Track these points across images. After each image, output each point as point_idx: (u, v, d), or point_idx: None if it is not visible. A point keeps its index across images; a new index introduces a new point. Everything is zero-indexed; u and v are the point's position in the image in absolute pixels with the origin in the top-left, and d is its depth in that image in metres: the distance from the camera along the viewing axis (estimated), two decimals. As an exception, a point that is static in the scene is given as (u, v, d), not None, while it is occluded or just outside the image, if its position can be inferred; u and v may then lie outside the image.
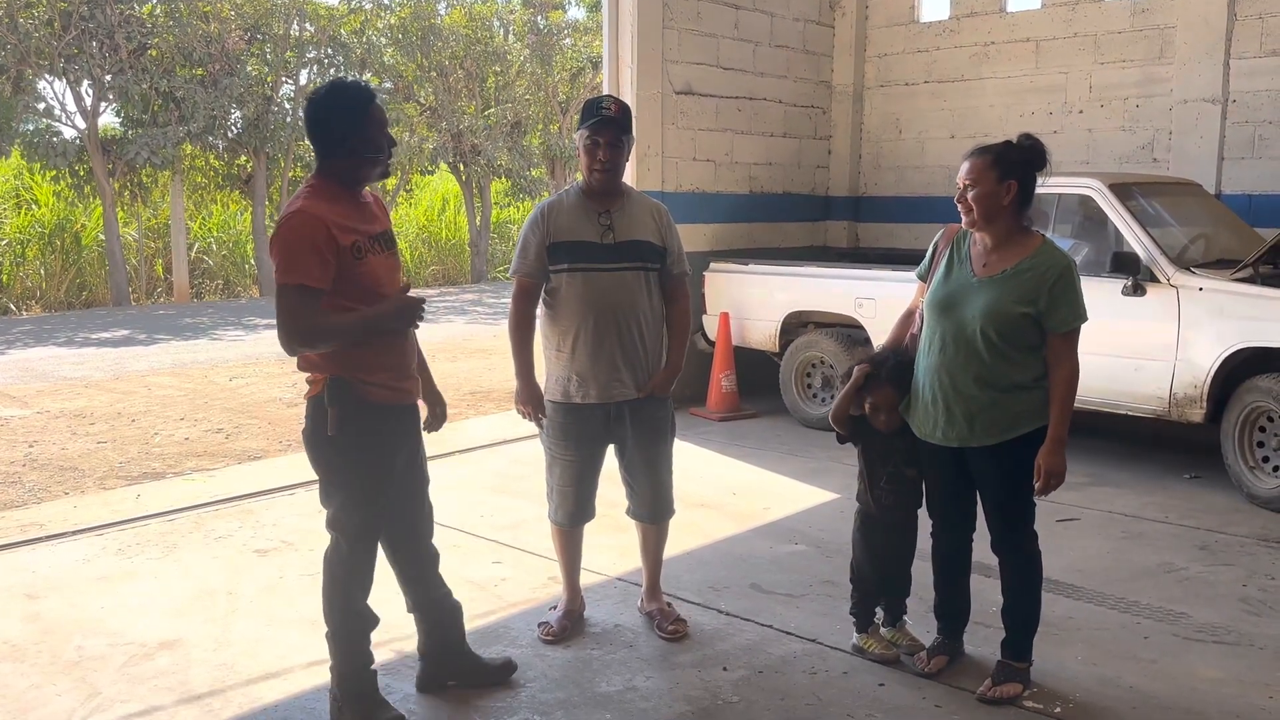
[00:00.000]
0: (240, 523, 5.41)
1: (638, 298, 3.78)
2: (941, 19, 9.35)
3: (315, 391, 3.16)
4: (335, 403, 3.10)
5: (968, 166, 3.37)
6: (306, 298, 3.01)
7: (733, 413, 7.86)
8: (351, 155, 3.12)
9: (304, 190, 3.14)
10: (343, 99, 3.14)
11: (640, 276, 3.79)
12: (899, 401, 3.58)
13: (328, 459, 3.19)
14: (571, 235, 3.75)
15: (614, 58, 7.99)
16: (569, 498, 3.96)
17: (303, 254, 3.00)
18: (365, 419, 3.15)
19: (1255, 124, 7.71)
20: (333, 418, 3.10)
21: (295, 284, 3.00)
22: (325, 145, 3.14)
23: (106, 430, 7.78)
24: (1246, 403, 5.60)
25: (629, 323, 3.77)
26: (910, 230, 9.28)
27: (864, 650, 3.78)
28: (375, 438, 3.20)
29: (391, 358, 3.23)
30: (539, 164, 23.70)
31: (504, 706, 3.46)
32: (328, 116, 3.12)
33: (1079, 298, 3.33)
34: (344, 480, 3.20)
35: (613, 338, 3.75)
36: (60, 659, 3.81)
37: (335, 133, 3.11)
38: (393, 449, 3.27)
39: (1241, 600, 4.34)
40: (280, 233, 3.04)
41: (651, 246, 3.82)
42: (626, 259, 3.76)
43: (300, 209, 3.04)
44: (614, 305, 3.74)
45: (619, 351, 3.77)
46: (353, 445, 3.15)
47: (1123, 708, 3.43)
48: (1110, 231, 6.13)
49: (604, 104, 3.76)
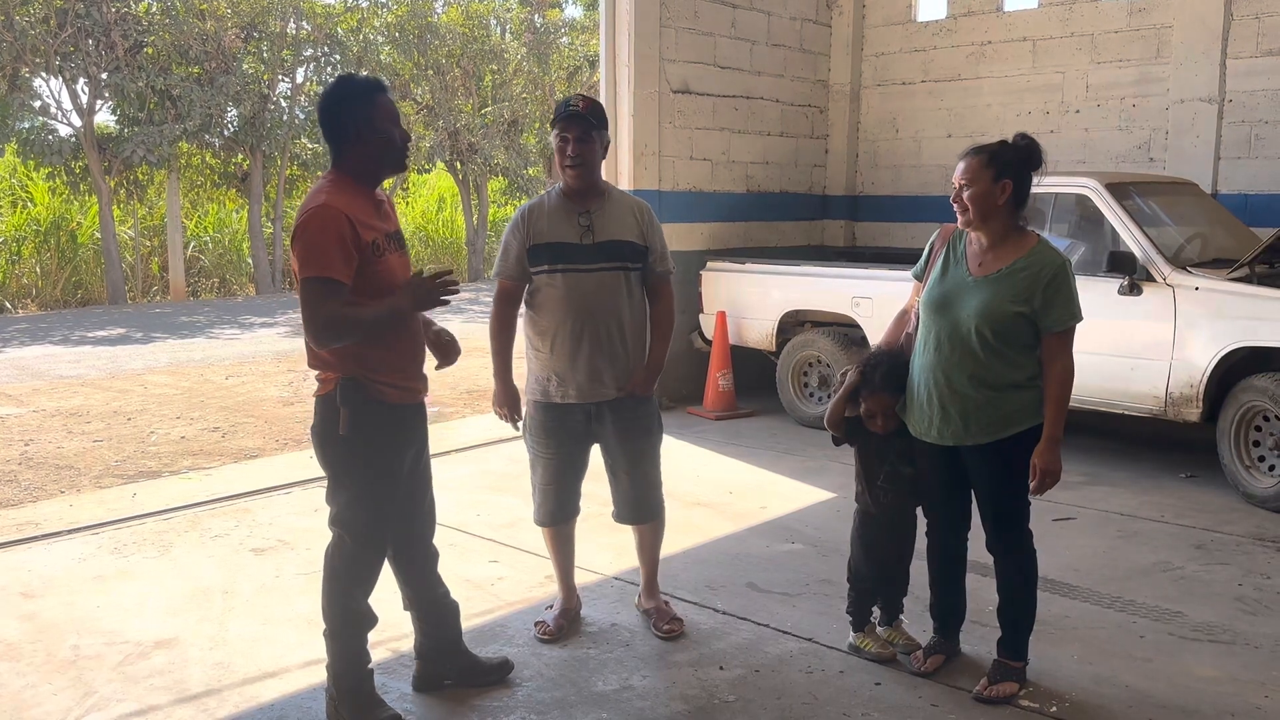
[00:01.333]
0: (236, 521, 5.41)
1: (618, 297, 3.78)
2: (939, 18, 9.35)
3: (326, 390, 3.16)
4: (348, 403, 3.10)
5: (963, 166, 3.37)
6: (332, 291, 3.00)
7: (729, 412, 7.86)
8: (359, 142, 3.11)
9: (323, 185, 3.13)
10: (349, 89, 3.16)
11: (620, 276, 3.79)
12: (893, 404, 3.57)
13: (338, 457, 3.19)
14: (551, 236, 3.76)
15: (611, 56, 7.99)
16: (549, 496, 3.96)
17: (328, 248, 3.00)
18: (377, 419, 3.16)
19: (1251, 124, 7.72)
20: (345, 418, 3.10)
21: (321, 277, 2.99)
22: (335, 137, 3.14)
23: (102, 429, 7.77)
24: (1242, 402, 5.61)
25: (609, 323, 3.77)
26: (907, 229, 9.29)
27: (860, 649, 3.79)
28: (386, 437, 3.21)
29: (402, 357, 3.23)
30: (536, 162, 23.68)
31: (500, 706, 3.46)
32: (336, 107, 3.13)
33: (1074, 297, 3.33)
34: (353, 479, 3.20)
35: (592, 338, 3.75)
36: (56, 658, 3.81)
37: (343, 123, 3.11)
38: (402, 448, 3.29)
39: (1237, 599, 4.34)
40: (304, 227, 3.02)
41: (632, 246, 3.81)
42: (606, 259, 3.76)
43: (325, 204, 3.04)
44: (594, 305, 3.74)
45: (598, 351, 3.77)
46: (364, 445, 3.16)
47: (1118, 706, 3.43)
48: (1107, 231, 6.13)
49: (572, 101, 3.78)
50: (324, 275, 2.99)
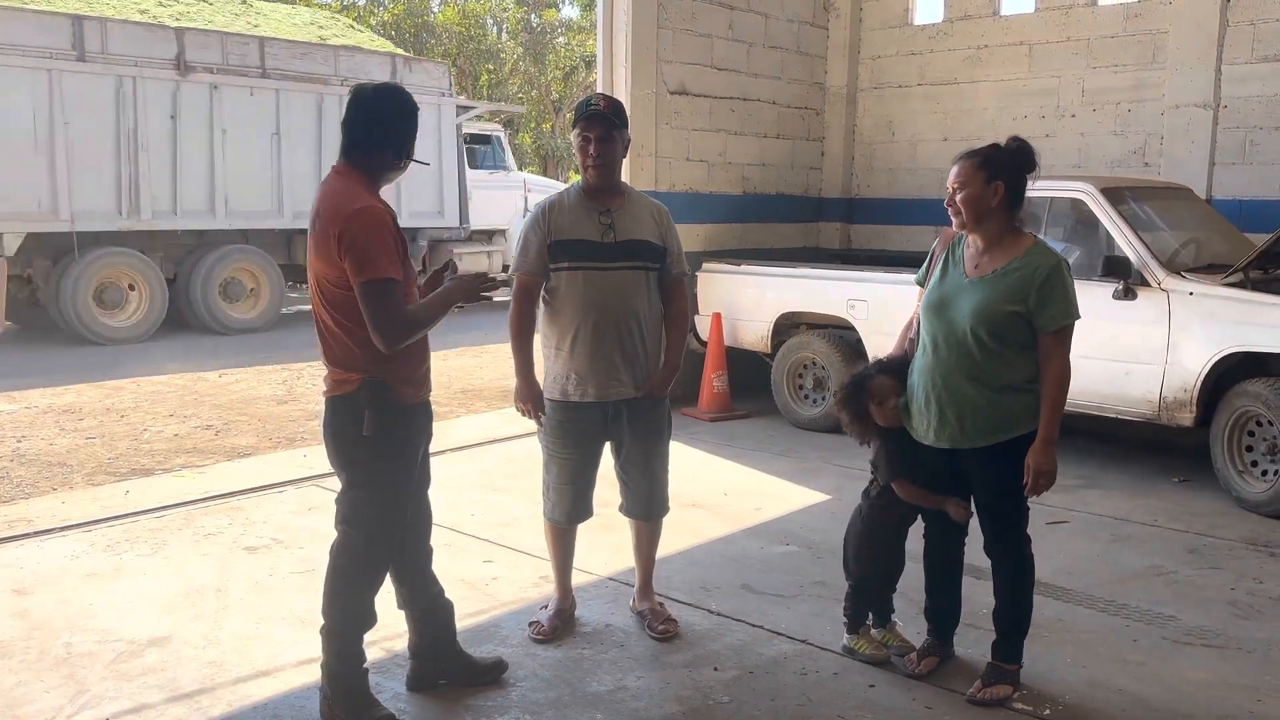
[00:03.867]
0: (230, 520, 5.39)
1: (637, 297, 3.79)
2: (935, 22, 9.37)
3: (346, 391, 3.16)
4: (371, 405, 3.12)
5: (956, 170, 3.38)
6: (396, 289, 3.05)
7: (724, 413, 7.87)
8: (394, 154, 3.18)
9: (348, 185, 3.13)
10: (406, 101, 3.22)
11: (641, 276, 3.80)
12: (895, 391, 3.56)
13: (358, 457, 3.20)
14: (572, 234, 3.75)
15: (608, 57, 7.99)
16: (566, 496, 3.96)
17: (384, 247, 3.03)
18: (395, 418, 3.18)
19: (1246, 129, 7.74)
20: (369, 419, 3.11)
21: (384, 277, 3.02)
22: (373, 140, 3.16)
23: (95, 426, 7.75)
24: (1236, 407, 5.63)
25: (629, 322, 3.77)
26: (902, 232, 9.31)
27: (855, 651, 3.78)
28: (404, 437, 3.23)
29: (415, 357, 3.25)
30: (532, 162, 23.70)
31: (495, 706, 3.46)
32: (390, 115, 3.17)
33: (1070, 296, 3.33)
34: (369, 478, 3.21)
35: (612, 337, 3.75)
36: (48, 656, 3.79)
37: (392, 132, 3.16)
38: (417, 446, 3.31)
39: (1230, 603, 4.36)
40: (355, 229, 3.02)
41: (652, 246, 3.83)
42: (627, 258, 3.77)
43: (371, 205, 3.07)
44: (614, 304, 3.75)
45: (618, 351, 3.77)
46: (386, 444, 3.18)
47: (1112, 710, 3.44)
48: (1102, 235, 6.15)
49: (594, 100, 3.80)
50: (384, 276, 3.02)
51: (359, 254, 3.01)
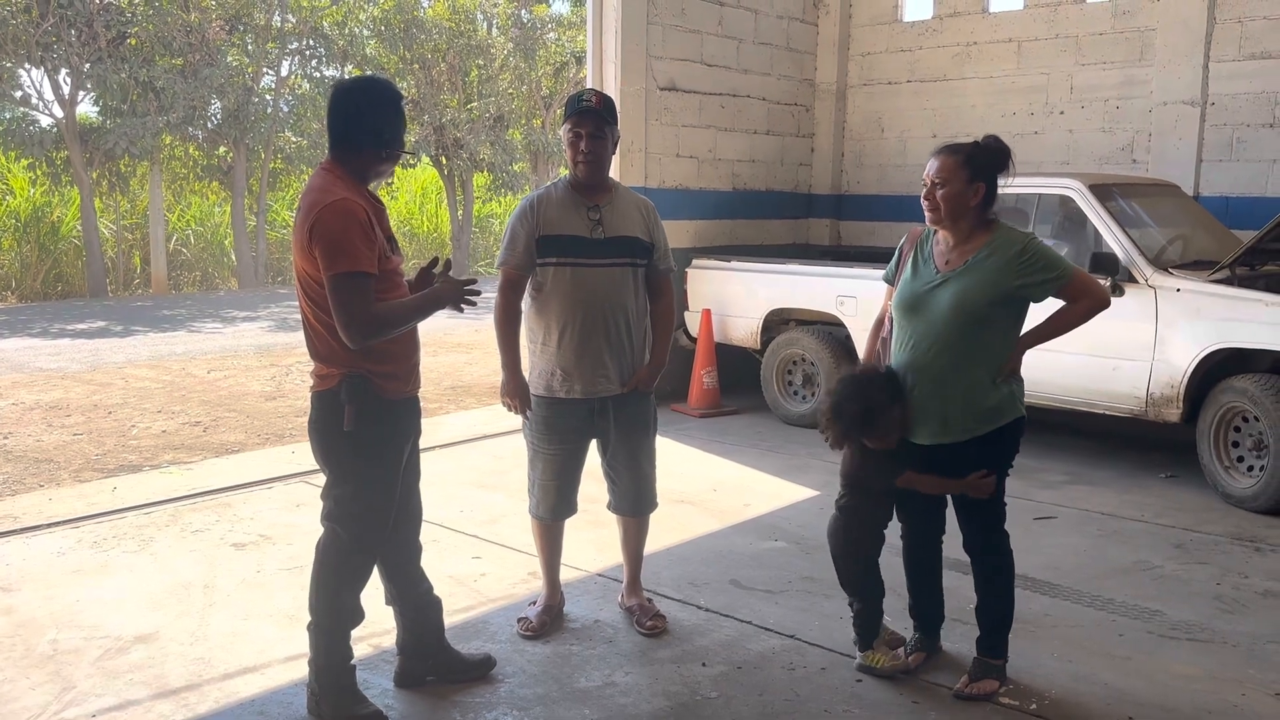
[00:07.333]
0: (218, 516, 5.38)
1: (625, 293, 3.79)
2: (924, 19, 9.38)
3: (328, 386, 3.14)
4: (352, 399, 3.09)
5: (937, 164, 3.36)
6: (366, 284, 3.00)
7: (714, 409, 7.87)
8: (383, 148, 3.15)
9: (329, 180, 3.10)
10: (383, 92, 3.18)
11: (628, 272, 3.80)
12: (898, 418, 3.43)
13: (340, 453, 3.18)
14: (561, 229, 3.75)
15: (598, 53, 7.98)
16: (551, 492, 3.95)
17: (355, 241, 2.99)
18: (379, 414, 3.16)
19: (1233, 126, 7.77)
20: (350, 414, 3.09)
21: (353, 271, 2.98)
22: (355, 135, 3.13)
23: (82, 422, 7.72)
24: (1222, 403, 5.66)
25: (616, 318, 3.77)
26: (892, 228, 9.29)
27: (872, 668, 3.63)
28: (388, 432, 3.21)
29: (401, 352, 3.23)
30: (521, 158, 23.62)
31: (483, 702, 3.46)
32: (368, 107, 3.14)
33: (1055, 258, 3.35)
34: (355, 474, 3.19)
35: (600, 333, 3.75)
36: (34, 652, 3.78)
37: (370, 124, 3.13)
38: (402, 442, 3.29)
39: (1215, 598, 4.38)
40: (326, 221, 2.99)
41: (640, 242, 3.82)
42: (615, 254, 3.76)
43: (344, 198, 3.03)
44: (602, 300, 3.74)
45: (605, 347, 3.77)
46: (368, 440, 3.16)
47: (1097, 704, 3.46)
48: (1089, 232, 6.17)
49: (585, 96, 3.79)
50: (355, 269, 2.98)
51: (328, 247, 2.98)
